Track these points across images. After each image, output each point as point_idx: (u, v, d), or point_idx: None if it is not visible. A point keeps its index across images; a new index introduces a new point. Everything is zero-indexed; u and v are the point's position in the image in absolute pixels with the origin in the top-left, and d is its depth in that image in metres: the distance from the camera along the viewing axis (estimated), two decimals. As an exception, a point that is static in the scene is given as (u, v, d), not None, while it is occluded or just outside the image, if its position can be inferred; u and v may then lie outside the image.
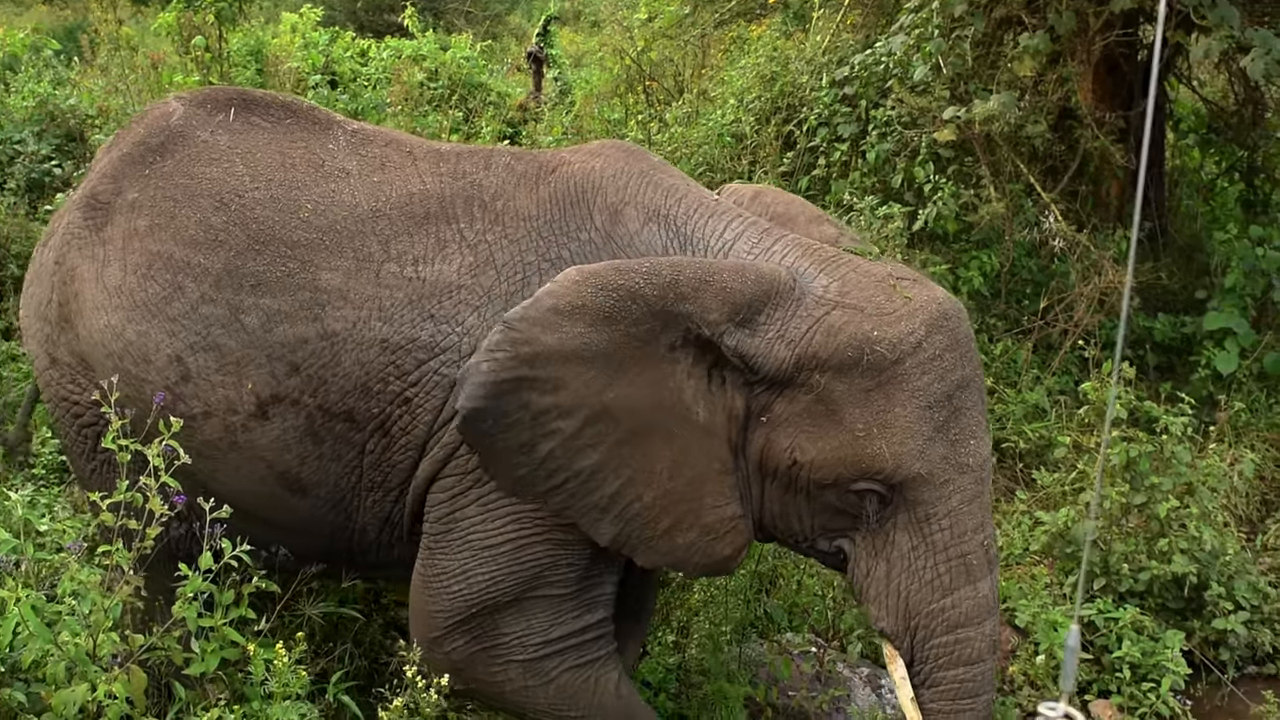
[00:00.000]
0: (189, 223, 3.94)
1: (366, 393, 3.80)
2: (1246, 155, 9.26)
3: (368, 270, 3.83)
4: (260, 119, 4.23)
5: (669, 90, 9.58)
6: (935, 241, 7.30)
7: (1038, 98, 7.50)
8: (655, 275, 3.56)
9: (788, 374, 3.60)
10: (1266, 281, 7.72)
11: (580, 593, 3.88)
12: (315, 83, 9.84)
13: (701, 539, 3.72)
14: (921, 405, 3.55)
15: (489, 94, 11.20)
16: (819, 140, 7.86)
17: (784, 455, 3.66)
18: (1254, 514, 6.84)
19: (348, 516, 3.98)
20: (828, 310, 3.60)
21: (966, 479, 3.63)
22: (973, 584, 3.65)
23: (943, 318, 3.63)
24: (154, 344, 3.89)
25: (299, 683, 3.61)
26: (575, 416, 3.56)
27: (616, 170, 3.96)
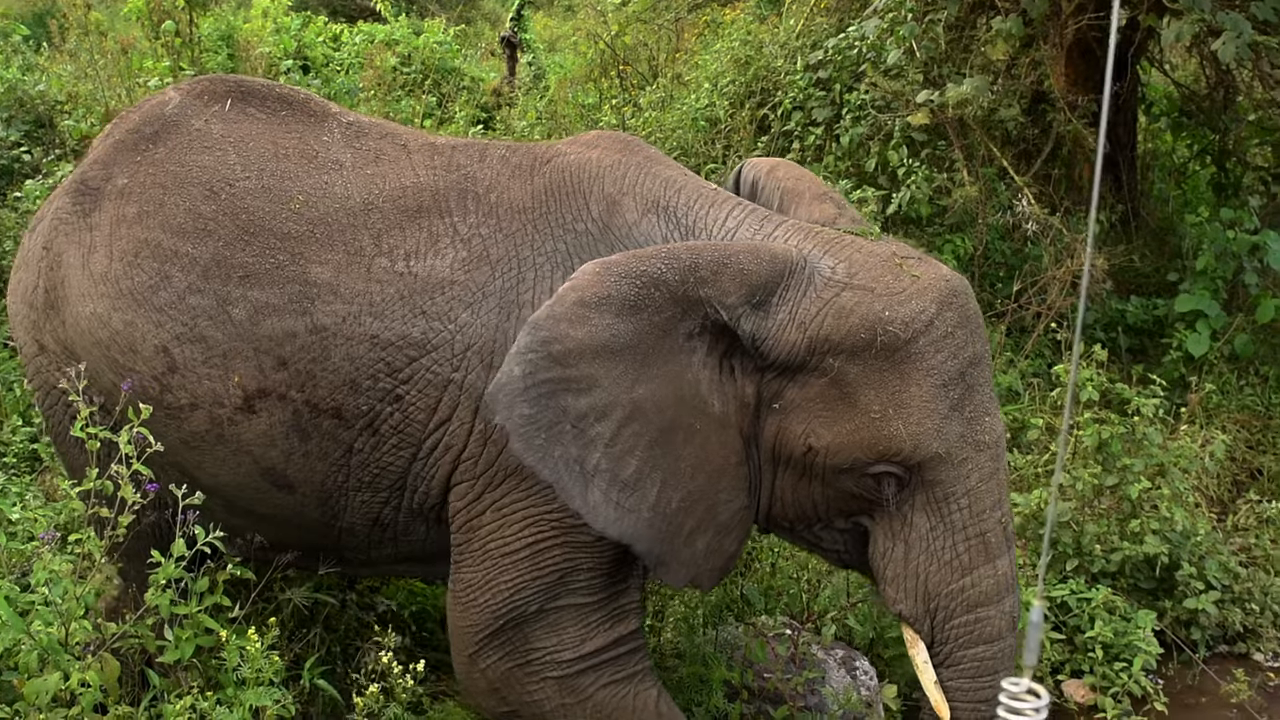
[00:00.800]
0: (178, 211, 3.88)
1: (355, 389, 3.71)
2: (1218, 138, 9.32)
3: (359, 264, 3.75)
4: (256, 109, 4.15)
5: (643, 75, 9.57)
6: (909, 225, 7.32)
7: (1010, 81, 7.53)
8: (675, 260, 3.48)
9: (799, 358, 3.54)
10: (1237, 264, 7.77)
11: (607, 601, 3.78)
12: (287, 68, 9.78)
13: (715, 539, 3.65)
14: (936, 383, 3.50)
15: (463, 79, 11.16)
16: (793, 124, 7.87)
17: (798, 441, 3.60)
18: (1225, 495, 6.91)
19: (335, 514, 3.91)
20: (837, 292, 3.54)
21: (984, 456, 3.59)
22: (991, 562, 3.62)
23: (952, 294, 3.58)
24: (140, 334, 3.82)
25: (272, 668, 3.60)
26: (611, 418, 3.45)
27: (614, 161, 3.89)
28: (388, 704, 3.74)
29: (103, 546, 3.65)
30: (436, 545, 3.95)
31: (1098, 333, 7.60)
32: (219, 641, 3.68)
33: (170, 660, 3.67)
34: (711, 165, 7.72)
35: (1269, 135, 9.35)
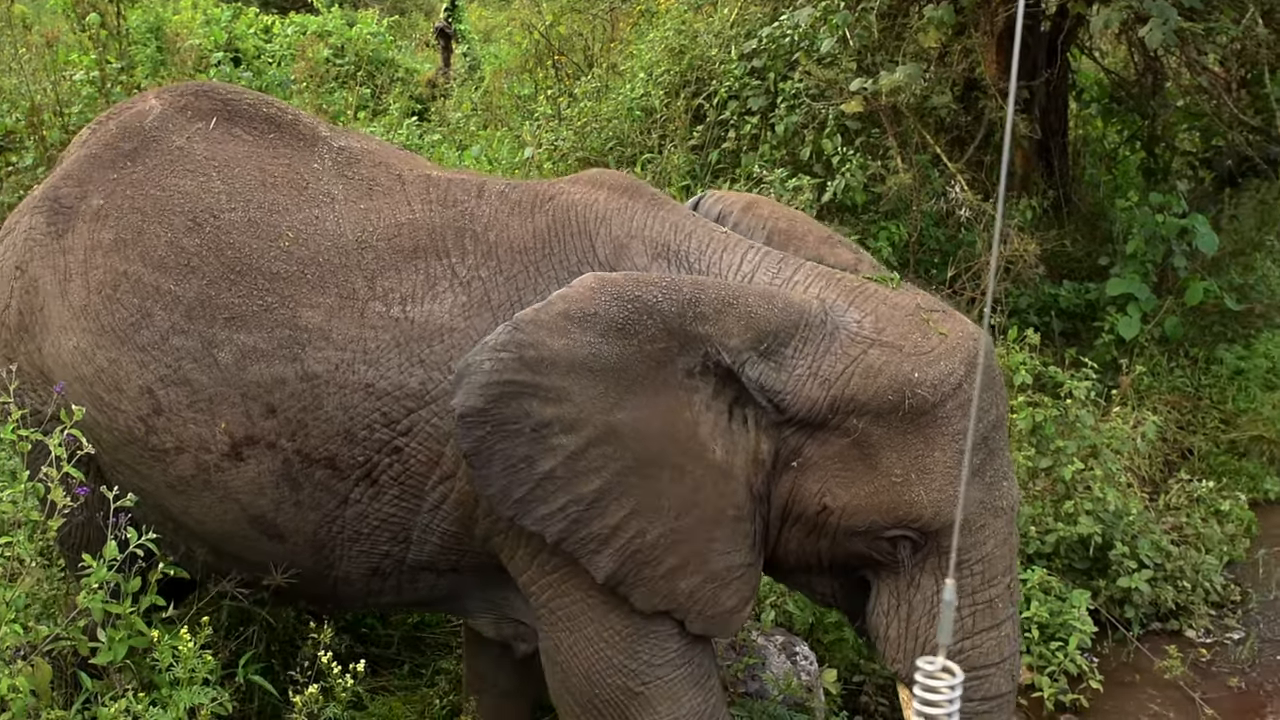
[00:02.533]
0: (158, 242, 3.68)
1: (350, 439, 3.53)
2: (1147, 124, 9.45)
3: (352, 308, 3.56)
4: (242, 130, 3.93)
5: (578, 65, 9.54)
6: (844, 213, 7.35)
7: (943, 69, 7.58)
8: (675, 291, 3.34)
9: (821, 416, 3.39)
10: (1166, 247, 7.89)
11: (693, 669, 3.61)
12: (218, 60, 9.65)
13: (706, 586, 3.48)
14: (961, 449, 3.36)
15: (397, 70, 11.08)
16: (728, 113, 7.87)
17: (813, 500, 3.46)
18: (1156, 475, 7.02)
19: (329, 565, 3.73)
20: (864, 349, 3.38)
21: (1000, 522, 3.49)
22: (996, 625, 3.53)
23: (979, 355, 3.39)
24: (125, 373, 3.65)
25: (206, 667, 3.56)
26: (579, 433, 3.32)
27: (620, 203, 3.70)
28: (327, 703, 3.70)
29: (32, 550, 3.59)
30: (444, 591, 3.83)
31: (1031, 317, 7.69)
32: (152, 642, 3.63)
33: (103, 662, 3.62)
34: (648, 155, 7.71)
35: (1197, 120, 9.51)
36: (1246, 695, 5.59)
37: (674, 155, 7.63)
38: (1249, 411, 7.67)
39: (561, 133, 8.13)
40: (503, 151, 8.41)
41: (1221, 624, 6.14)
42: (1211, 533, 6.54)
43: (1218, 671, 5.76)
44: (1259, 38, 7.42)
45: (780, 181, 7.07)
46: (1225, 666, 5.81)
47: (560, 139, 8.05)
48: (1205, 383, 7.84)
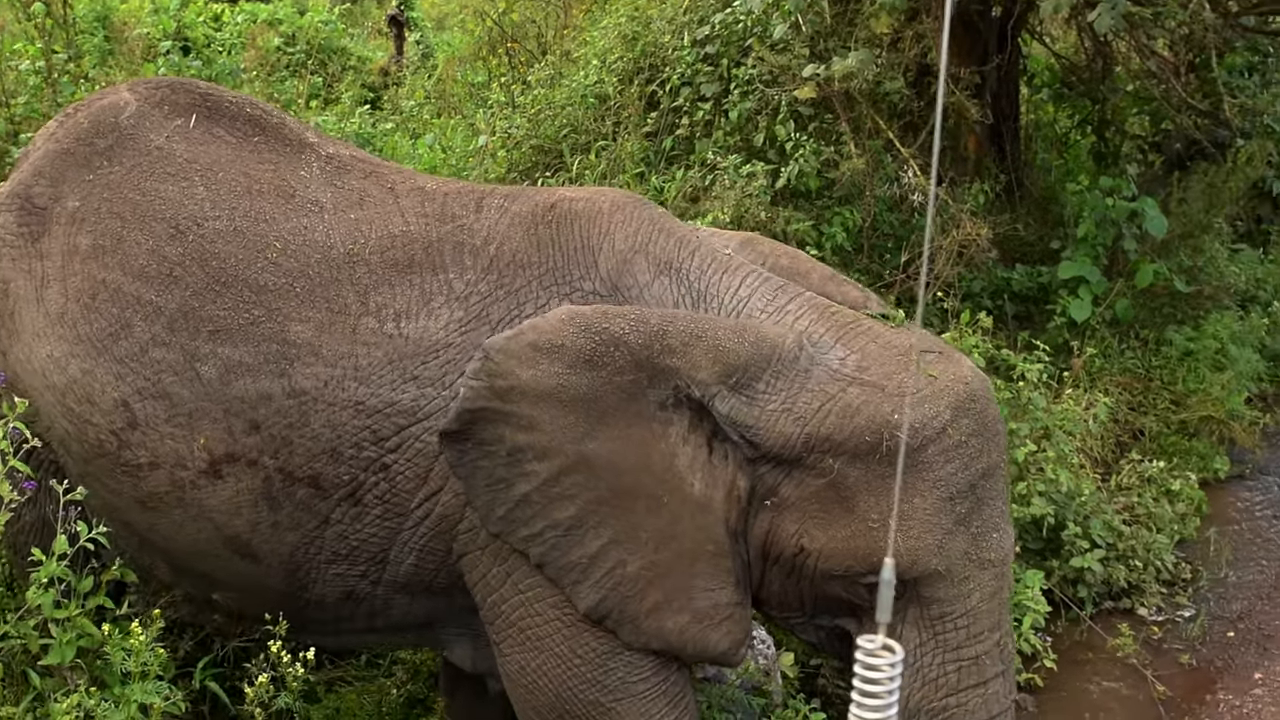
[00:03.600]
0: (139, 250, 3.59)
1: (336, 457, 3.47)
2: (1097, 109, 9.52)
3: (342, 324, 3.50)
4: (224, 131, 3.85)
5: (531, 52, 9.51)
6: (798, 199, 7.36)
7: (895, 55, 7.58)
8: (642, 324, 3.31)
9: (795, 454, 3.33)
10: (1117, 230, 7.95)
11: (665, 686, 3.55)
12: (167, 49, 9.52)
13: (694, 625, 3.41)
14: (943, 496, 3.28)
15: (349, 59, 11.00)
16: (682, 100, 7.86)
17: (790, 542, 3.39)
18: (1108, 456, 7.09)
19: (303, 587, 3.67)
20: (844, 387, 3.31)
21: (987, 575, 3.38)
22: (983, 684, 3.41)
23: (969, 399, 3.34)
24: (99, 384, 3.56)
25: (157, 660, 3.53)
26: (550, 461, 3.32)
27: (625, 216, 3.64)
28: (278, 694, 3.68)
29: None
30: (418, 616, 3.78)
31: (984, 301, 7.74)
32: (103, 641, 3.60)
33: (53, 662, 3.58)
34: (602, 142, 7.70)
35: (1146, 105, 9.60)
36: (1197, 672, 5.67)
37: (628, 142, 7.61)
38: (1198, 392, 7.76)
39: (515, 120, 8.09)
40: (456, 140, 8.37)
41: (1173, 602, 6.21)
42: (1162, 512, 6.61)
43: (1169, 649, 5.83)
44: (1206, 22, 7.49)
45: (734, 168, 7.08)
46: (1176, 644, 5.88)
47: (514, 126, 8.01)
48: (1155, 364, 7.92)
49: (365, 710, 4.52)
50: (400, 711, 4.59)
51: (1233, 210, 9.32)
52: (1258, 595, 6.32)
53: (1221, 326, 8.28)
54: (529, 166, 7.75)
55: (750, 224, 6.59)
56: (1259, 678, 5.58)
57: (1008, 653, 3.48)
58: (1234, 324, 8.46)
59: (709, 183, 7.09)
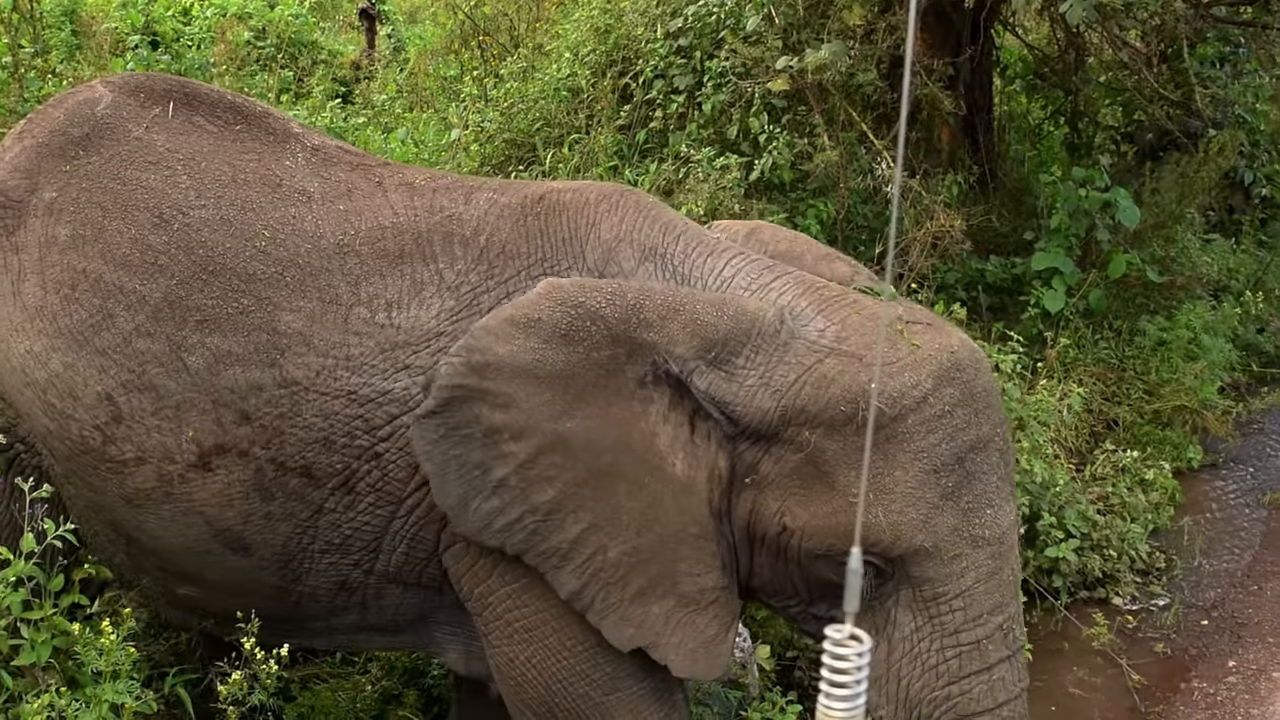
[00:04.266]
0: (121, 239, 3.51)
1: (329, 447, 3.42)
2: (1070, 100, 9.56)
3: (334, 314, 3.45)
4: (205, 120, 3.78)
5: (504, 45, 9.46)
6: (772, 191, 7.36)
7: (868, 46, 7.58)
8: (619, 297, 3.25)
9: (773, 428, 3.24)
10: (1090, 221, 7.98)
11: (656, 686, 3.49)
12: (135, 44, 9.46)
13: (679, 610, 3.33)
14: (926, 468, 3.17)
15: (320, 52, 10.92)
16: (655, 93, 7.84)
17: (773, 520, 3.30)
18: (1082, 446, 7.11)
19: (295, 579, 3.60)
20: (821, 358, 3.23)
21: (982, 554, 3.24)
22: (987, 669, 3.27)
23: (955, 368, 3.23)
24: (81, 378, 3.48)
25: (129, 658, 3.49)
26: (527, 440, 3.25)
27: (611, 206, 3.61)
28: (252, 690, 3.65)
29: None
30: (411, 611, 3.71)
31: (959, 292, 7.75)
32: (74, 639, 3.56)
33: (26, 663, 3.54)
34: (575, 135, 7.67)
35: (1118, 96, 9.65)
36: (1172, 660, 5.70)
37: (601, 135, 7.59)
38: (1171, 382, 7.79)
39: (488, 114, 8.06)
40: (429, 134, 8.33)
41: (1147, 591, 6.24)
42: (1136, 502, 6.65)
43: (1144, 637, 5.86)
44: (1177, 13, 7.52)
45: (708, 160, 7.06)
46: (1151, 632, 5.91)
47: (486, 120, 7.98)
48: (1129, 354, 7.95)
49: (340, 707, 4.49)
50: (374, 707, 4.56)
51: (1205, 200, 9.36)
52: (1231, 583, 6.36)
53: (1194, 316, 8.32)
54: (502, 160, 7.72)
55: (724, 217, 6.57)
56: (1233, 665, 5.61)
57: (1014, 638, 3.32)
58: (1206, 314, 8.51)
59: (682, 176, 7.07)
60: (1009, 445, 3.37)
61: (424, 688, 4.72)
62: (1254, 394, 8.54)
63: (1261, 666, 5.59)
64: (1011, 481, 3.36)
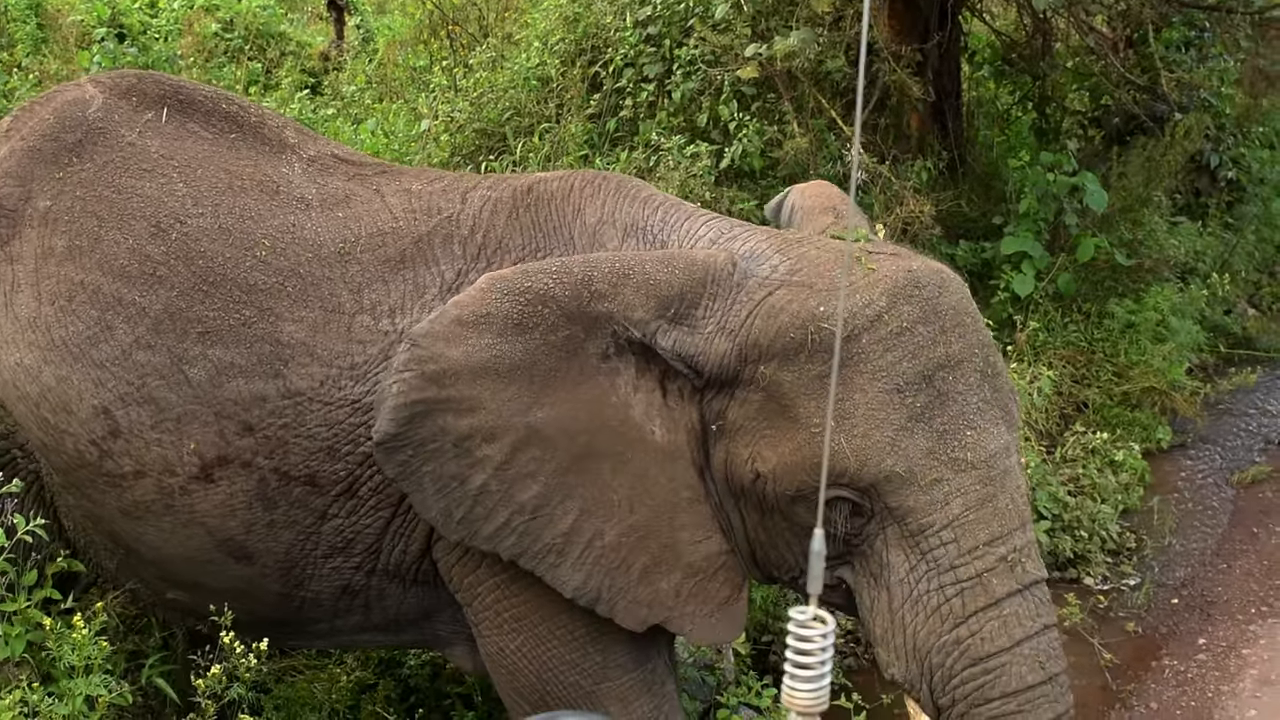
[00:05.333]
0: (119, 250, 3.47)
1: (333, 455, 3.40)
2: (1037, 85, 9.59)
3: (337, 322, 3.43)
4: (199, 125, 3.74)
5: (473, 35, 9.43)
6: (742, 179, 7.37)
7: (837, 33, 7.60)
8: (565, 274, 3.18)
9: (732, 370, 3.17)
10: (1058, 205, 8.03)
11: (645, 675, 3.48)
12: (101, 36, 9.37)
13: (689, 581, 3.26)
14: (887, 388, 3.02)
15: (288, 44, 10.85)
16: (625, 81, 7.84)
17: (745, 468, 3.20)
18: (1053, 428, 7.17)
19: (298, 584, 3.59)
20: (770, 290, 3.16)
21: (967, 479, 3.04)
22: (995, 604, 3.02)
23: (913, 286, 3.11)
24: (76, 392, 3.44)
25: (101, 653, 3.48)
26: (501, 441, 3.16)
27: (594, 190, 3.59)
28: (230, 685, 3.65)
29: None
30: (413, 609, 3.69)
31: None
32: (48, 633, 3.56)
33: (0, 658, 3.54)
34: (545, 125, 7.66)
35: (1085, 81, 9.68)
36: (1143, 639, 5.75)
37: (571, 124, 7.59)
38: (1140, 364, 7.85)
39: (458, 104, 8.04)
40: (399, 124, 8.30)
41: (1118, 571, 6.30)
42: (1107, 483, 6.70)
43: (1115, 617, 5.92)
44: (1143, -3, 7.57)
45: (678, 148, 7.07)
46: (1122, 612, 5.97)
47: (456, 110, 7.96)
48: (1098, 337, 8.00)
49: (316, 698, 4.49)
50: (350, 698, 4.56)
51: (1171, 184, 9.42)
52: (1201, 562, 6.42)
53: (1162, 298, 8.38)
54: (472, 150, 7.71)
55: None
56: (1202, 643, 5.67)
57: (1025, 571, 3.05)
58: (1174, 296, 8.57)
59: (653, 164, 7.08)
60: (994, 367, 3.18)
61: (400, 678, 4.72)
62: (1222, 375, 8.61)
63: (1231, 644, 5.66)
64: (1003, 405, 3.16)
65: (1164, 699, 5.28)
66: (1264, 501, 7.03)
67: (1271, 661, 5.50)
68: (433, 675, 4.76)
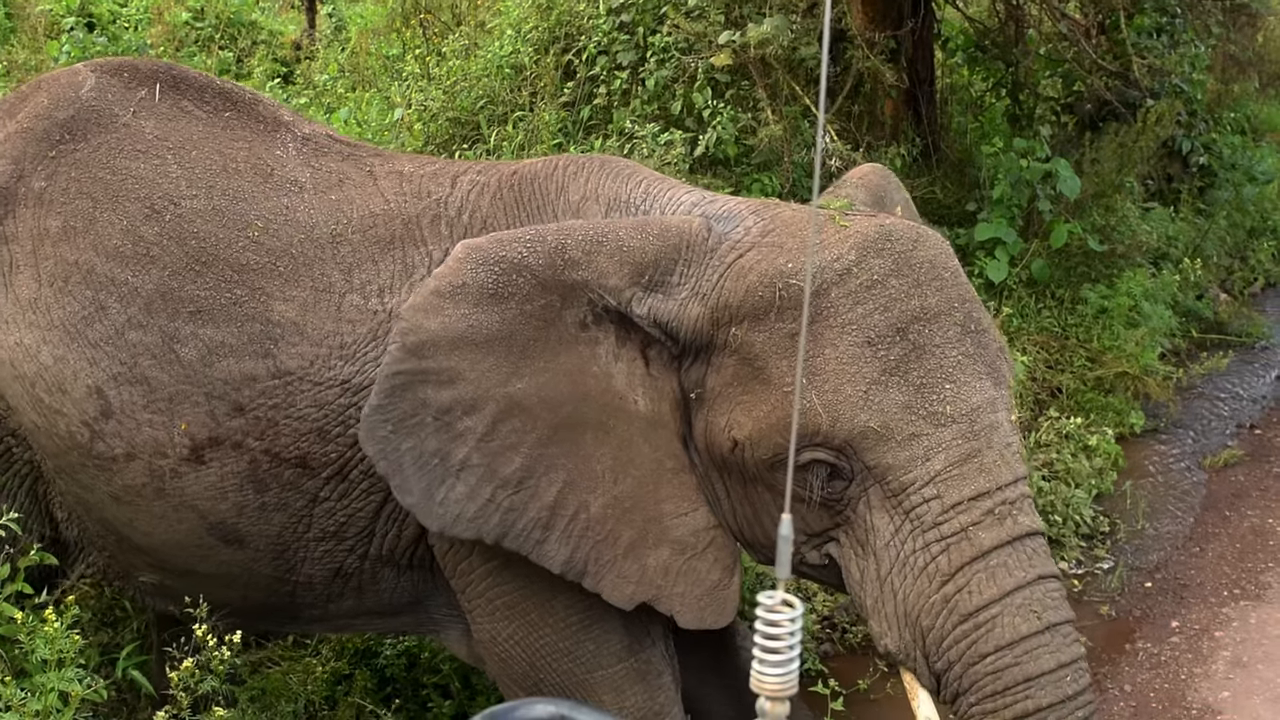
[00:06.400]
0: (113, 230, 3.47)
1: (323, 436, 3.40)
2: (1011, 71, 9.61)
3: (327, 302, 3.42)
4: (193, 105, 3.72)
5: (445, 23, 9.39)
6: (717, 166, 7.37)
7: (810, 20, 7.60)
8: (539, 243, 3.15)
9: (706, 335, 3.14)
10: (1031, 191, 8.06)
11: (638, 664, 3.44)
12: (71, 26, 9.30)
13: (677, 558, 3.19)
14: (858, 342, 2.95)
15: (259, 33, 10.77)
16: (599, 69, 7.83)
17: (724, 436, 3.14)
18: (1027, 413, 7.19)
19: (290, 568, 3.57)
20: (742, 252, 3.13)
21: (948, 433, 2.94)
22: (982, 556, 2.91)
23: (884, 239, 3.05)
24: (71, 371, 3.43)
25: (73, 646, 3.46)
26: (482, 412, 3.14)
27: (577, 169, 3.58)
28: (204, 678, 3.63)
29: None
30: (407, 593, 3.68)
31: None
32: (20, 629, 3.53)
33: (-30, 651, 3.52)
34: (519, 113, 7.64)
35: (1058, 67, 9.71)
36: (1117, 622, 5.78)
37: (545, 112, 7.56)
38: (1113, 349, 7.89)
39: (431, 93, 8.01)
40: (372, 113, 8.26)
41: (1091, 555, 6.33)
42: (1080, 467, 6.73)
43: (1089, 600, 5.94)
44: (1114, -17, 7.59)
45: (652, 136, 7.07)
46: (1096, 595, 6.00)
47: (430, 99, 7.93)
48: (1071, 322, 8.04)
49: (291, 689, 4.48)
50: (326, 689, 4.55)
51: (1143, 169, 9.47)
52: (1174, 546, 6.46)
53: (1135, 284, 8.42)
54: (446, 139, 7.68)
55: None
56: (1176, 626, 5.71)
57: (1016, 523, 2.93)
58: (1147, 281, 8.61)
59: (627, 152, 7.06)
60: (977, 322, 3.09)
61: (376, 669, 4.71)
62: (1194, 359, 8.66)
63: (1204, 626, 5.69)
64: (988, 360, 3.06)
65: (1138, 681, 5.31)
66: (1236, 485, 7.08)
67: (1244, 644, 5.54)
68: (409, 665, 4.75)
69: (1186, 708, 5.13)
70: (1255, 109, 12.55)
